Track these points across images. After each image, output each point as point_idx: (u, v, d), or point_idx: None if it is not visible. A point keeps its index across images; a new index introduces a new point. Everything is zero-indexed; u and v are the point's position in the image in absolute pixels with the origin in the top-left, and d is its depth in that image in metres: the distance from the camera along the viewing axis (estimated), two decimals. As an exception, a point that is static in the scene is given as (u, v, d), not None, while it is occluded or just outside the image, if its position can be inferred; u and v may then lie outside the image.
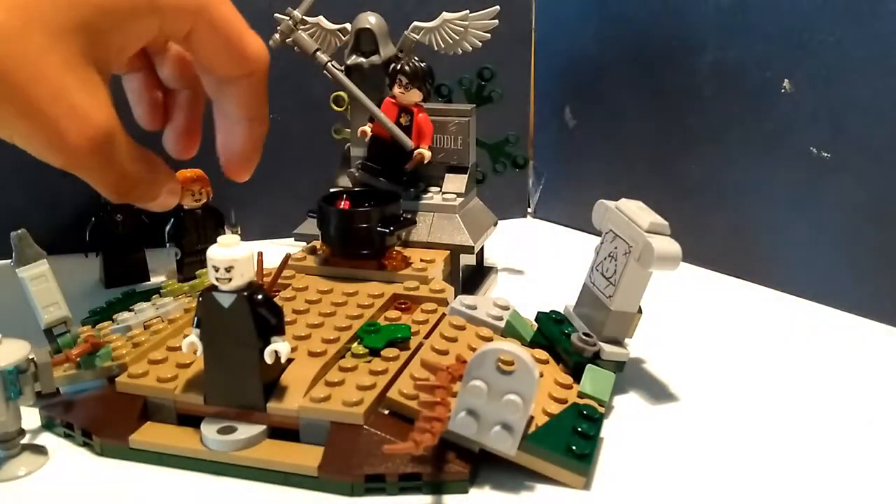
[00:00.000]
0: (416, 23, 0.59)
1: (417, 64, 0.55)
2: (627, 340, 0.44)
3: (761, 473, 0.37)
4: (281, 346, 0.37)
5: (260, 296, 0.36)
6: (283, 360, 0.37)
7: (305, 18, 0.54)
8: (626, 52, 0.73)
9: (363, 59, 0.58)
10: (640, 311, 0.44)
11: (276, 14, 0.56)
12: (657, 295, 0.45)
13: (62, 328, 0.43)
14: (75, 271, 0.66)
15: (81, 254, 0.63)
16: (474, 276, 0.62)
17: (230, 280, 0.35)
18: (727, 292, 0.63)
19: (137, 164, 0.32)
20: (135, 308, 0.48)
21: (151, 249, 0.64)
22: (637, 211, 0.43)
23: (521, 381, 0.34)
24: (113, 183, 0.32)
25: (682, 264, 0.41)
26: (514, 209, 0.85)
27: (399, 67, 0.54)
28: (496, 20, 0.59)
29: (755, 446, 0.40)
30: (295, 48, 0.55)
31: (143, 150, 0.33)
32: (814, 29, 0.57)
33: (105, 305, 0.54)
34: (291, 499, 0.35)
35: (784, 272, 0.62)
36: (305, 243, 0.58)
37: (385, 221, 0.50)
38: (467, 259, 0.59)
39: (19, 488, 0.36)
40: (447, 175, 0.59)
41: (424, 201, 0.58)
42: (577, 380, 0.41)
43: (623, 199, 0.45)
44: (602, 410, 0.40)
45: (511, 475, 0.36)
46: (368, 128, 0.56)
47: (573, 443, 0.36)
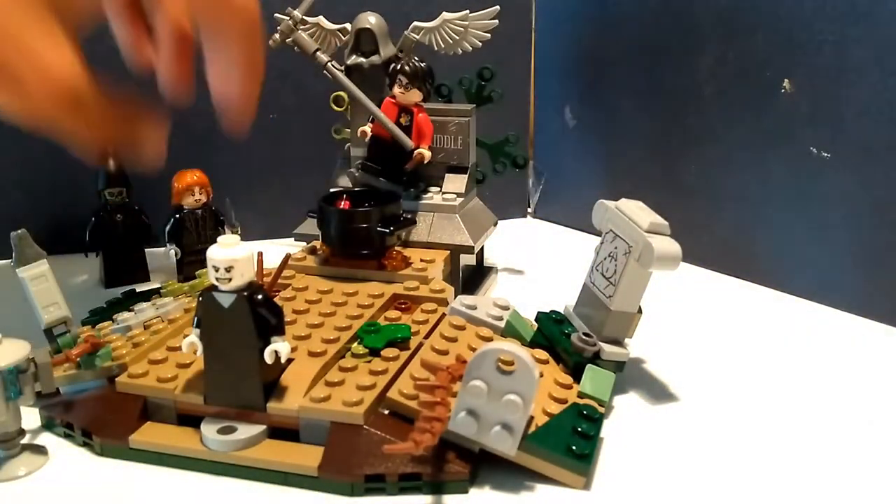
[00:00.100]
0: (416, 23, 0.59)
1: (417, 64, 0.55)
2: (627, 340, 0.44)
3: (761, 473, 0.37)
4: (281, 346, 0.37)
5: (260, 296, 0.36)
6: (283, 360, 0.37)
7: (305, 18, 0.55)
8: (626, 52, 0.73)
9: (363, 59, 0.58)
10: (640, 311, 0.44)
11: (276, 14, 0.56)
12: (657, 295, 0.45)
13: (62, 328, 0.43)
14: (75, 271, 0.66)
15: (81, 254, 0.63)
16: (474, 276, 0.62)
17: (230, 280, 0.35)
18: (727, 292, 0.63)
19: (113, 122, 0.31)
20: (135, 308, 0.48)
21: (151, 249, 0.64)
22: (637, 211, 0.43)
23: (521, 381, 0.34)
24: (84, 140, 0.31)
25: (682, 264, 0.41)
26: (514, 209, 0.85)
27: (399, 67, 0.54)
28: (496, 20, 0.59)
29: (755, 446, 0.40)
30: (295, 48, 0.55)
31: (123, 107, 0.32)
32: (814, 29, 0.57)
33: (105, 305, 0.54)
34: (291, 499, 0.35)
35: (784, 272, 0.62)
36: (305, 243, 0.58)
37: (385, 221, 0.50)
38: (467, 259, 0.59)
39: (19, 488, 0.36)
40: (447, 175, 0.59)
41: (424, 201, 0.58)
42: (577, 380, 0.41)
43: (623, 199, 0.45)
44: (602, 410, 0.40)
45: (511, 475, 0.36)
46: (368, 128, 0.56)
47: (573, 443, 0.36)
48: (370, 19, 0.58)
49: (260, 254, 0.40)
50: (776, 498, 0.36)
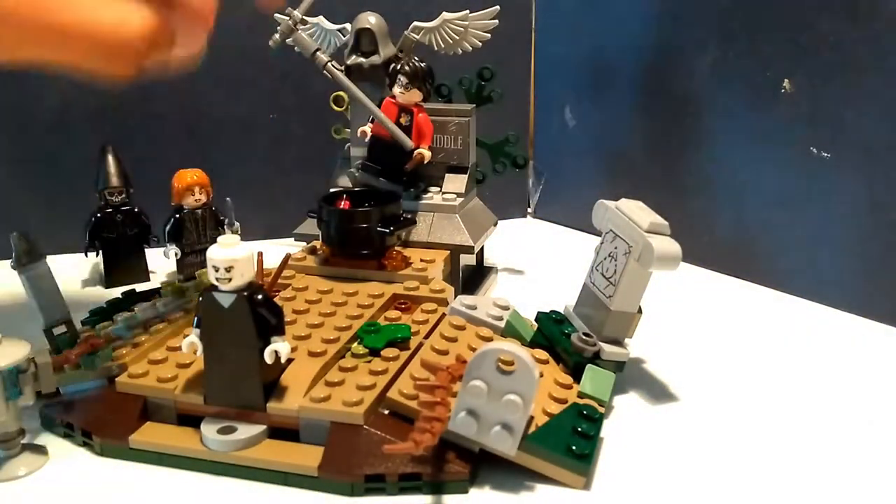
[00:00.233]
0: (416, 23, 0.59)
1: (417, 64, 0.55)
2: (627, 340, 0.44)
3: (761, 473, 0.37)
4: (281, 346, 0.37)
5: (260, 296, 0.36)
6: (283, 360, 0.37)
7: (305, 18, 0.54)
8: (626, 52, 0.73)
9: (363, 59, 0.58)
10: (640, 311, 0.44)
11: (276, 14, 0.56)
12: (657, 295, 0.45)
13: (62, 328, 0.43)
14: (75, 271, 0.66)
15: (81, 254, 0.63)
16: (474, 276, 0.62)
17: (230, 280, 0.35)
18: (727, 292, 0.63)
19: (154, 42, 0.29)
20: (135, 308, 0.48)
21: (151, 249, 0.64)
22: (637, 211, 0.43)
23: (521, 381, 0.34)
24: (120, 73, 0.29)
25: (682, 264, 0.41)
26: (514, 209, 0.85)
27: (399, 67, 0.54)
28: (496, 20, 0.59)
29: (755, 446, 0.40)
30: (295, 48, 0.55)
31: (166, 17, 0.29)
32: (814, 29, 0.57)
33: (105, 305, 0.54)
34: (291, 499, 0.35)
35: (784, 272, 0.62)
36: (305, 243, 0.58)
37: (385, 221, 0.50)
38: (467, 259, 0.59)
39: (19, 488, 0.36)
40: (447, 175, 0.59)
41: (424, 201, 0.58)
42: (577, 380, 0.41)
43: (623, 199, 0.45)
44: (602, 410, 0.40)
45: (511, 475, 0.36)
46: (368, 128, 0.56)
47: (573, 443, 0.36)
48: (370, 19, 0.58)
49: (260, 254, 0.40)
50: (776, 498, 0.35)
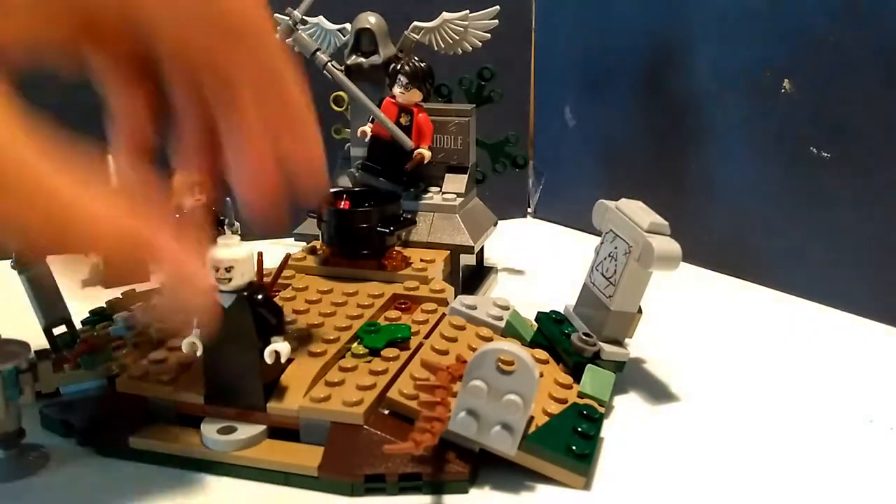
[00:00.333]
0: (416, 23, 0.59)
1: (417, 64, 0.55)
2: (627, 340, 0.44)
3: (762, 473, 0.37)
4: (281, 346, 0.36)
5: (260, 296, 0.36)
6: (283, 360, 0.37)
7: (305, 18, 0.55)
8: (626, 52, 0.73)
9: (363, 59, 0.58)
10: (640, 311, 0.44)
11: (276, 14, 0.56)
12: (657, 295, 0.45)
13: (62, 328, 0.43)
14: (75, 271, 0.66)
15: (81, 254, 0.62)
16: (474, 276, 0.62)
17: (230, 280, 0.35)
18: (727, 292, 0.63)
19: (80, 222, 0.22)
20: (135, 308, 0.48)
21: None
22: (637, 211, 0.43)
23: (521, 381, 0.34)
24: (32, 238, 0.21)
25: (682, 264, 0.41)
26: (514, 209, 0.85)
27: (399, 67, 0.54)
28: (496, 20, 0.59)
29: (755, 446, 0.40)
30: (295, 48, 0.55)
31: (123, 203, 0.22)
32: (814, 29, 0.57)
33: (105, 305, 0.54)
34: (291, 499, 0.35)
35: (784, 272, 0.62)
36: (305, 243, 0.58)
37: (385, 221, 0.50)
38: (467, 259, 0.59)
39: (19, 488, 0.36)
40: (447, 175, 0.59)
41: (424, 201, 0.58)
42: (577, 380, 0.41)
43: (623, 199, 0.45)
44: (602, 410, 0.40)
45: (511, 475, 0.36)
46: (368, 128, 0.56)
47: (573, 443, 0.36)
48: (370, 19, 0.58)
49: (260, 254, 0.40)
50: (777, 497, 0.35)
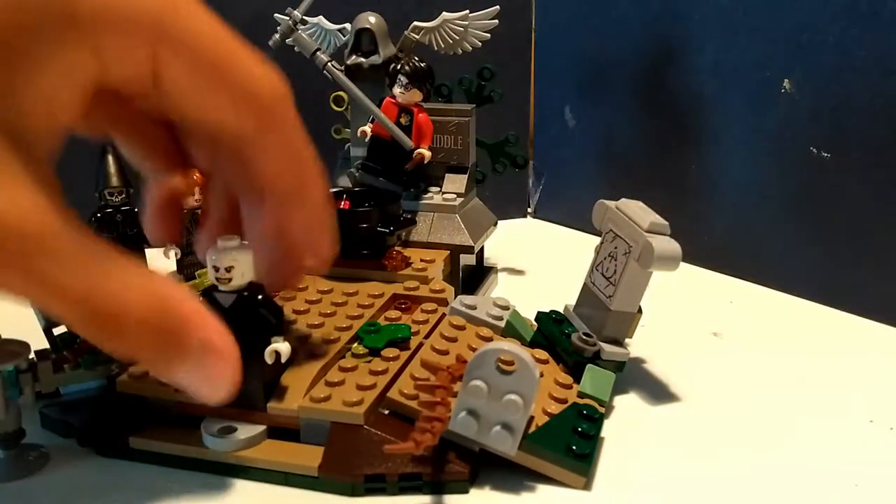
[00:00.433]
0: (416, 23, 0.59)
1: (417, 64, 0.55)
2: (627, 340, 0.44)
3: (761, 473, 0.37)
4: (281, 346, 0.36)
5: (260, 296, 0.36)
6: (283, 360, 0.37)
7: (305, 18, 0.54)
8: (626, 52, 0.73)
9: (363, 59, 0.58)
10: (640, 311, 0.44)
11: (276, 14, 0.56)
12: (657, 295, 0.45)
13: (62, 328, 0.43)
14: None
15: (81, 254, 0.62)
16: (474, 276, 0.62)
17: (230, 280, 0.35)
18: (727, 292, 0.63)
19: (117, 285, 0.22)
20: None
21: (151, 249, 0.64)
22: (637, 211, 0.43)
23: (522, 381, 0.34)
24: (68, 310, 0.22)
25: (682, 264, 0.41)
26: (514, 209, 0.85)
27: (399, 67, 0.54)
28: (496, 20, 0.59)
29: (755, 446, 0.40)
30: (295, 48, 0.55)
31: (144, 274, 0.23)
32: (814, 29, 0.57)
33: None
34: (291, 499, 0.35)
35: (784, 272, 0.62)
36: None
37: (385, 221, 0.50)
38: (467, 259, 0.59)
39: (19, 488, 0.36)
40: (447, 175, 0.59)
41: (424, 201, 0.58)
42: (577, 380, 0.41)
43: (623, 199, 0.45)
44: (602, 410, 0.40)
45: (511, 475, 0.36)
46: (368, 128, 0.56)
47: (573, 443, 0.36)
48: (370, 19, 0.58)
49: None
50: (777, 497, 0.36)
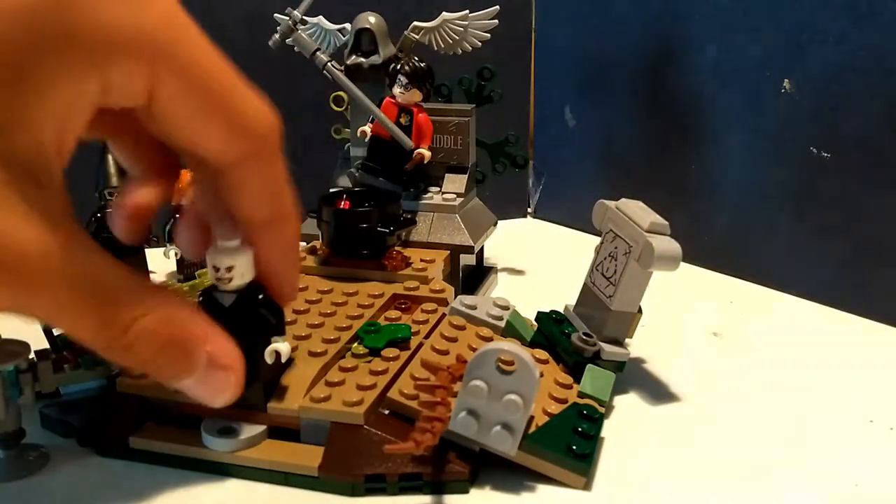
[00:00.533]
0: (416, 23, 0.59)
1: (417, 64, 0.55)
2: (627, 340, 0.44)
3: (761, 473, 0.37)
4: (281, 346, 0.36)
5: (260, 296, 0.36)
6: (284, 360, 0.37)
7: (305, 18, 0.54)
8: (626, 52, 0.73)
9: (363, 59, 0.58)
10: (641, 311, 0.44)
11: (276, 14, 0.56)
12: (657, 295, 0.45)
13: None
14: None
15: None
16: (474, 276, 0.62)
17: (230, 280, 0.35)
18: (727, 292, 0.63)
19: (129, 308, 0.24)
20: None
21: (151, 249, 0.64)
22: (637, 211, 0.43)
23: (522, 381, 0.34)
24: (81, 331, 0.23)
25: (682, 264, 0.41)
26: (514, 209, 0.85)
27: (399, 67, 0.54)
28: (496, 20, 0.59)
29: (755, 446, 0.40)
30: (295, 48, 0.55)
31: (154, 293, 0.25)
32: (814, 29, 0.57)
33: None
34: (291, 499, 0.35)
35: (784, 272, 0.62)
36: (305, 243, 0.58)
37: (385, 221, 0.50)
38: (467, 259, 0.59)
39: (19, 488, 0.36)
40: (447, 175, 0.59)
41: (424, 201, 0.58)
42: (577, 380, 0.41)
43: (623, 199, 0.45)
44: (602, 410, 0.40)
45: (511, 475, 0.36)
46: (368, 128, 0.56)
47: (573, 443, 0.36)
48: (370, 19, 0.58)
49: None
50: (776, 497, 0.36)
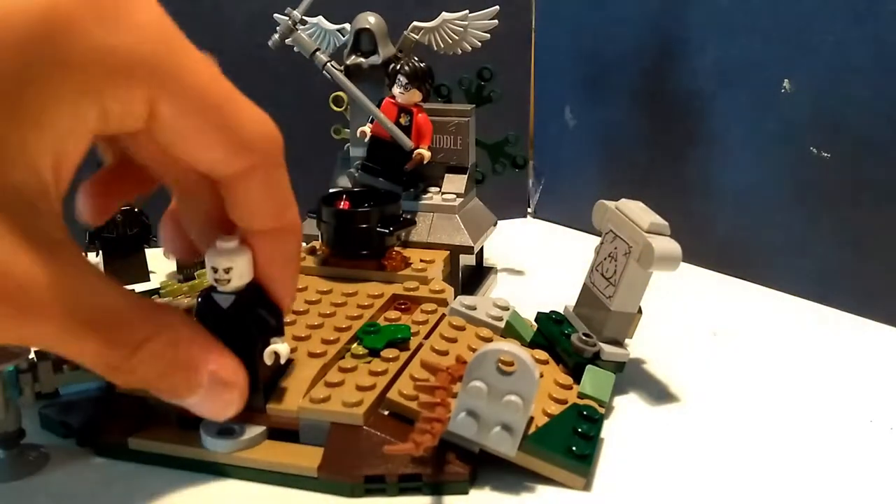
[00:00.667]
0: (416, 23, 0.59)
1: (417, 64, 0.55)
2: (627, 341, 0.44)
3: (761, 473, 0.37)
4: (280, 347, 0.36)
5: (259, 296, 0.36)
6: (283, 361, 0.37)
7: (305, 18, 0.54)
8: (626, 52, 0.73)
9: (363, 59, 0.58)
10: (640, 312, 0.44)
11: (276, 14, 0.56)
12: (657, 295, 0.45)
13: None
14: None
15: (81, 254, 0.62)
16: (474, 277, 0.62)
17: (229, 281, 0.35)
18: (727, 292, 0.63)
19: (132, 332, 0.25)
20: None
21: (151, 249, 0.64)
22: (637, 211, 0.43)
23: (522, 382, 0.34)
24: (85, 356, 0.24)
25: (682, 264, 0.41)
26: (514, 209, 0.85)
27: (399, 68, 0.54)
28: (496, 20, 0.59)
29: (755, 446, 0.40)
30: (294, 48, 0.55)
31: (158, 313, 0.25)
32: (814, 29, 0.57)
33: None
34: (291, 500, 0.35)
35: (784, 272, 0.62)
36: (305, 243, 0.58)
37: (385, 221, 0.50)
38: (467, 259, 0.59)
39: (19, 488, 0.36)
40: (447, 175, 0.59)
41: (424, 201, 0.58)
42: (577, 380, 0.41)
43: (623, 200, 0.45)
44: (602, 411, 0.40)
45: (511, 476, 0.36)
46: (368, 128, 0.56)
47: (573, 443, 0.36)
48: (370, 19, 0.58)
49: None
50: (776, 497, 0.35)
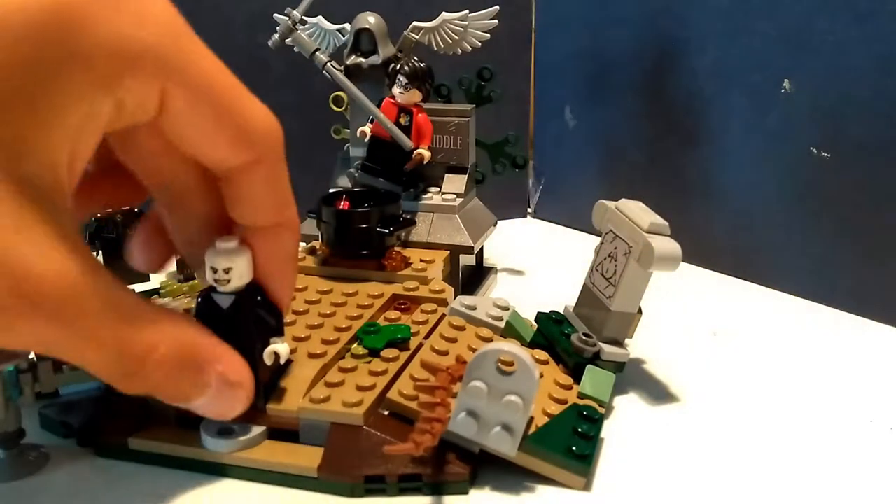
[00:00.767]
0: (416, 23, 0.59)
1: (417, 64, 0.55)
2: (627, 341, 0.44)
3: (761, 473, 0.37)
4: (280, 347, 0.36)
5: (259, 297, 0.36)
6: (283, 361, 0.37)
7: (305, 18, 0.54)
8: (626, 52, 0.73)
9: (362, 59, 0.58)
10: (640, 312, 0.44)
11: (276, 14, 0.56)
12: (657, 295, 0.45)
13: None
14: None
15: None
16: (474, 277, 0.62)
17: (229, 281, 0.35)
18: (727, 292, 0.63)
19: (145, 336, 0.25)
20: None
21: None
22: (637, 211, 0.43)
23: (522, 382, 0.34)
24: (100, 362, 0.24)
25: (682, 264, 0.41)
26: (514, 209, 0.85)
27: (399, 68, 0.54)
28: (496, 20, 0.59)
29: (755, 446, 0.40)
30: (294, 48, 0.55)
31: (171, 319, 0.26)
32: (814, 29, 0.57)
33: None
34: (290, 500, 0.35)
35: (784, 272, 0.62)
36: (305, 243, 0.58)
37: (385, 222, 0.50)
38: (467, 259, 0.59)
39: (19, 488, 0.36)
40: (447, 175, 0.59)
41: (424, 201, 0.58)
42: (577, 380, 0.41)
43: (623, 200, 0.45)
44: (602, 411, 0.40)
45: (511, 476, 0.36)
46: (368, 128, 0.56)
47: (573, 443, 0.36)
48: (370, 19, 0.58)
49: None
50: (776, 497, 0.35)
